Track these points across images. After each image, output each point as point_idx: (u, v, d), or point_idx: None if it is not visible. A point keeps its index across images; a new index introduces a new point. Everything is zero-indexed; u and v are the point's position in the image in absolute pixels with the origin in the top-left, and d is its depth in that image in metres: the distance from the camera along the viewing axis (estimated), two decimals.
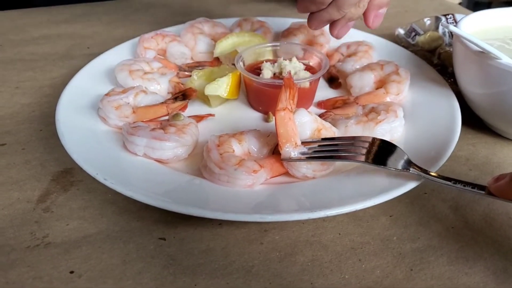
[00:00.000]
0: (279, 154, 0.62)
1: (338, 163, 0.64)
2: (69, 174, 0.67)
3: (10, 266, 0.53)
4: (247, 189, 0.59)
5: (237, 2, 1.37)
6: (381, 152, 0.59)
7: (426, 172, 0.57)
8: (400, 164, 0.58)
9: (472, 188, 0.53)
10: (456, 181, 0.54)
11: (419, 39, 1.00)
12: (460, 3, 1.55)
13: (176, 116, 0.70)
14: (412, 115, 0.74)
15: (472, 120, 0.78)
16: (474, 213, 0.61)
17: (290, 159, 0.60)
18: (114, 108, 0.70)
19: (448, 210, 0.61)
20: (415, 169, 0.57)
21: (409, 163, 0.58)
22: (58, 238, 0.57)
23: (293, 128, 0.61)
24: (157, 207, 0.55)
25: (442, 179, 0.55)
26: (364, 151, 0.59)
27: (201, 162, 0.64)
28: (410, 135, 0.70)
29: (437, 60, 0.93)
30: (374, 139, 0.60)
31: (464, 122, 0.72)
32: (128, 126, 0.66)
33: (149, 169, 0.63)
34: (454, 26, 0.71)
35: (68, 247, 0.55)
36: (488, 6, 3.29)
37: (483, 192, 0.52)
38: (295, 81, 0.66)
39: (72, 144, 0.64)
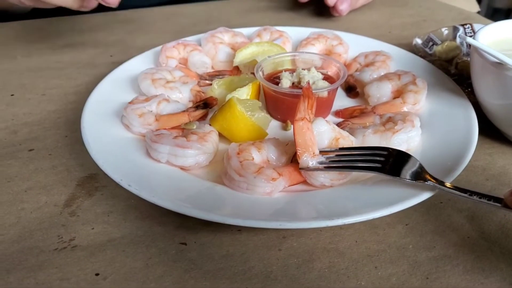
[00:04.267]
0: (298, 162, 0.63)
1: (355, 172, 0.65)
2: (93, 179, 0.69)
3: (39, 268, 0.55)
4: (266, 197, 0.61)
5: (256, 11, 1.39)
6: (397, 162, 0.60)
7: (441, 183, 0.57)
8: (416, 175, 0.59)
9: (488, 200, 0.54)
10: (472, 193, 0.55)
11: (437, 49, 1.00)
12: (478, 12, 1.54)
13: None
14: (429, 125, 0.75)
15: (489, 129, 0.78)
16: (490, 223, 0.61)
17: (308, 169, 0.62)
18: (137, 116, 0.73)
19: (464, 219, 0.62)
20: (431, 180, 0.58)
21: (425, 174, 0.59)
22: (84, 241, 0.59)
23: (311, 138, 0.63)
24: (178, 213, 0.57)
25: (458, 191, 0.56)
26: (380, 161, 0.60)
27: (222, 169, 0.66)
28: (427, 145, 0.71)
29: (454, 70, 0.94)
30: (390, 149, 0.62)
31: (481, 132, 0.72)
32: (151, 133, 0.68)
33: (171, 176, 0.65)
34: (472, 36, 0.72)
35: (94, 250, 0.58)
36: (507, 13, 3.25)
37: (499, 204, 0.53)
38: (313, 91, 0.67)
39: (97, 151, 0.66)
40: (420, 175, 0.59)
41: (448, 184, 0.57)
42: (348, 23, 1.29)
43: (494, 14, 3.27)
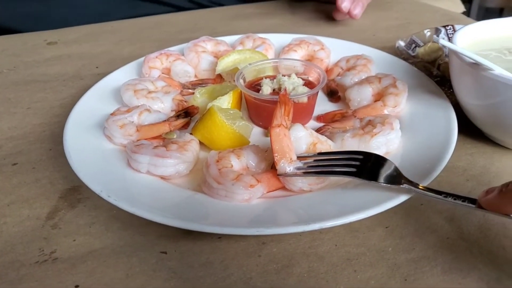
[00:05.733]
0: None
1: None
2: (76, 191, 0.70)
3: (19, 282, 0.55)
4: (245, 203, 0.61)
5: (242, 18, 1.40)
6: (374, 166, 0.60)
7: (416, 186, 0.58)
8: (392, 179, 0.59)
9: (462, 201, 0.54)
10: (447, 194, 0.55)
11: (419, 50, 1.01)
12: (464, 12, 1.55)
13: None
14: (410, 127, 0.75)
15: (470, 129, 0.78)
16: (469, 223, 0.62)
17: (286, 174, 0.62)
18: (118, 127, 0.73)
19: (444, 221, 0.62)
20: (406, 183, 0.58)
21: (400, 177, 0.59)
22: (65, 253, 0.59)
23: (288, 144, 0.63)
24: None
25: (433, 193, 0.56)
26: (356, 166, 0.60)
27: (202, 177, 0.66)
28: (407, 147, 0.71)
29: (436, 71, 0.95)
30: (367, 153, 0.62)
31: (462, 132, 0.73)
32: (131, 144, 0.69)
33: (151, 186, 0.66)
34: (450, 37, 0.73)
35: (75, 262, 0.58)
36: (499, 12, 3.26)
37: (474, 205, 0.53)
38: (292, 97, 0.68)
39: (79, 163, 0.67)
40: (395, 179, 0.59)
41: (421, 187, 0.57)
42: (333, 28, 1.30)
43: (486, 13, 3.29)
